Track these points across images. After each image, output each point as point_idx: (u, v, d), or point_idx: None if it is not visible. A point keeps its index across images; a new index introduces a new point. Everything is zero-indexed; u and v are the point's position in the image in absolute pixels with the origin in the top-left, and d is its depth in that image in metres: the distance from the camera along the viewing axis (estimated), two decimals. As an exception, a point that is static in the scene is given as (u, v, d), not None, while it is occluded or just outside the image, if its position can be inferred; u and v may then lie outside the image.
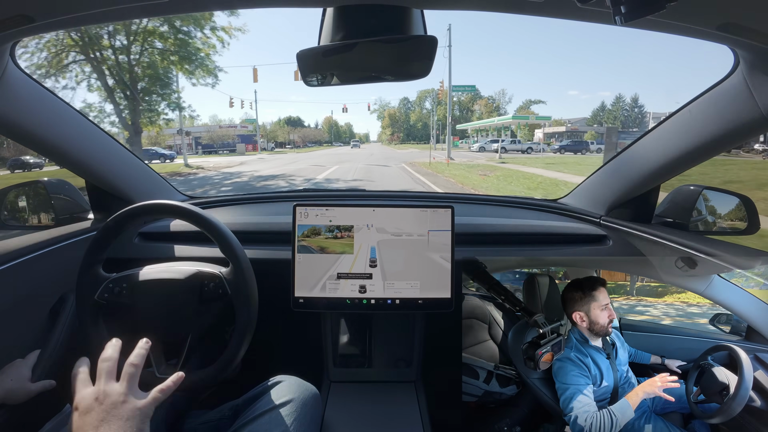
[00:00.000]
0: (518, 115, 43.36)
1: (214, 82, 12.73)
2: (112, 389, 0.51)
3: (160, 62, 11.89)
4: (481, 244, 1.08)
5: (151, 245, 1.10)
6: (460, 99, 73.12)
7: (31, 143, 0.91)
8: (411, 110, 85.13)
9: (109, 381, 0.52)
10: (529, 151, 27.85)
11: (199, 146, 40.80)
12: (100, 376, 0.53)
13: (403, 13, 0.63)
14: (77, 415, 0.49)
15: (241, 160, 23.35)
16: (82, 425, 0.48)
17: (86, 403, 0.50)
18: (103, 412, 0.49)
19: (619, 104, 60.42)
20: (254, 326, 0.78)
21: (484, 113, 65.76)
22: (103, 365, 0.54)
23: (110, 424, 0.48)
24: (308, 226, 0.92)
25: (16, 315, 0.87)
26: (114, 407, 0.49)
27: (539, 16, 0.66)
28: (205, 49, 12.07)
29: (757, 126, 0.73)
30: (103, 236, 0.79)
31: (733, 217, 1.02)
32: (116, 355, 0.56)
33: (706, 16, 0.56)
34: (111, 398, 0.50)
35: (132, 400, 0.51)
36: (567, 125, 41.77)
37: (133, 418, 0.49)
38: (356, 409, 1.03)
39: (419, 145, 61.43)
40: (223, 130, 47.29)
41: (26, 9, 0.58)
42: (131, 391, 0.52)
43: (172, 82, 12.67)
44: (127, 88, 11.62)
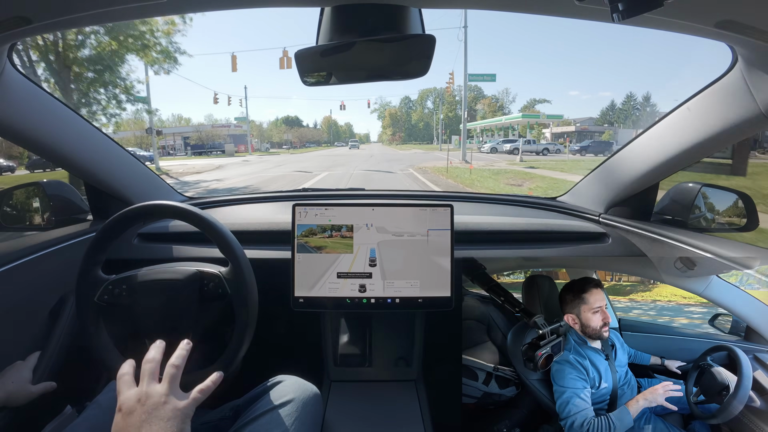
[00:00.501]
0: (529, 114, 40.92)
1: (171, 66, 10.64)
2: (154, 390, 0.52)
3: (105, 45, 9.32)
4: (480, 243, 1.07)
5: (151, 246, 1.10)
6: (462, 98, 71.90)
7: (29, 145, 0.91)
8: (412, 109, 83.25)
9: (152, 382, 0.54)
10: (545, 152, 25.28)
11: (189, 147, 38.69)
12: (143, 377, 0.54)
13: (401, 12, 0.63)
14: (120, 417, 0.51)
15: (221, 164, 20.98)
16: (125, 426, 0.49)
17: (129, 404, 0.51)
18: (144, 414, 0.50)
19: (630, 103, 57.02)
20: (254, 326, 0.78)
21: (487, 113, 63.69)
22: (146, 366, 0.55)
23: (151, 425, 0.49)
24: (308, 226, 0.92)
25: (16, 317, 0.87)
26: (155, 408, 0.50)
27: (537, 14, 0.66)
28: (167, 28, 9.84)
29: (755, 122, 0.73)
30: (102, 237, 0.79)
31: (732, 214, 1.02)
32: (159, 357, 0.57)
33: (704, 14, 0.56)
34: (153, 399, 0.51)
35: (173, 401, 0.52)
36: (576, 125, 40.00)
37: (175, 418, 0.50)
38: (357, 409, 1.03)
39: (422, 145, 60.06)
40: (214, 129, 45.78)
41: (23, 10, 0.58)
42: (172, 392, 0.53)
43: (117, 69, 9.99)
44: (55, 74, 9.01)
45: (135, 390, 0.53)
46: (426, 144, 64.14)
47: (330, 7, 0.63)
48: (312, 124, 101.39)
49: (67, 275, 0.93)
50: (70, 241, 1.01)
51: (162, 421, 0.49)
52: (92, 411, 0.78)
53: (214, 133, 44.16)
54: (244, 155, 33.49)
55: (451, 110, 61.72)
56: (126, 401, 0.51)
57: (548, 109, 59.79)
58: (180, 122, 50.35)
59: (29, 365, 0.83)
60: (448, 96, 52.07)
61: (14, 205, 1.14)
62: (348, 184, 10.70)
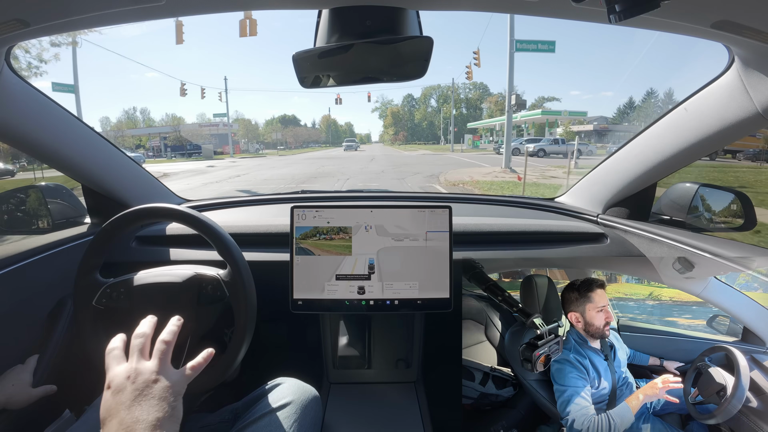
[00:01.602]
0: (549, 111, 37.37)
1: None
2: (144, 367, 0.50)
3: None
4: (478, 244, 1.08)
5: (149, 249, 1.10)
6: (467, 96, 70.16)
7: (27, 147, 0.91)
8: (415, 108, 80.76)
9: (141, 359, 0.51)
10: (577, 153, 17.06)
11: (168, 149, 35.37)
12: (132, 353, 0.52)
13: (399, 14, 0.63)
14: (109, 394, 0.48)
15: (180, 170, 16.97)
16: (115, 404, 0.47)
17: (118, 381, 0.49)
18: (135, 391, 0.48)
19: (650, 100, 49.71)
20: (253, 329, 0.78)
21: (495, 111, 60.48)
22: (136, 342, 0.53)
23: (142, 404, 0.47)
24: (306, 228, 0.92)
25: (15, 320, 0.86)
26: (146, 386, 0.48)
27: (534, 15, 0.66)
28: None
29: (752, 122, 0.73)
30: (100, 240, 0.79)
31: (729, 214, 1.02)
32: (150, 332, 0.55)
33: (701, 14, 0.56)
34: (143, 377, 0.49)
35: (163, 379, 0.50)
36: (593, 123, 35.69)
37: (166, 397, 0.48)
38: (356, 411, 1.03)
39: (428, 145, 57.14)
40: (201, 129, 41.83)
41: (21, 13, 0.58)
42: (163, 370, 0.51)
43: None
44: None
45: (125, 366, 0.51)
46: (432, 144, 61.95)
47: (328, 9, 0.64)
48: (311, 124, 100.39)
49: (65, 278, 0.92)
50: (68, 245, 1.01)
51: (153, 400, 0.47)
52: (91, 415, 0.77)
53: (195, 132, 40.56)
54: (223, 158, 29.98)
55: (456, 108, 59.78)
56: (115, 377, 0.49)
57: (556, 107, 57.60)
58: (173, 122, 48.09)
59: (28, 368, 0.82)
60: (451, 94, 50.10)
61: (12, 208, 1.14)
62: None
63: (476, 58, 15.22)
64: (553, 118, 31.82)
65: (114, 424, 0.45)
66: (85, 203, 1.16)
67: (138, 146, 35.83)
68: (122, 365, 0.51)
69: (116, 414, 0.46)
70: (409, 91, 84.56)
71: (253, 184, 11.27)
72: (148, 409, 0.46)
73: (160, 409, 0.47)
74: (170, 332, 0.55)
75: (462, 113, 67.02)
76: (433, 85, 72.93)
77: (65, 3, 0.58)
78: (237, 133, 48.92)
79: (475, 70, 18.73)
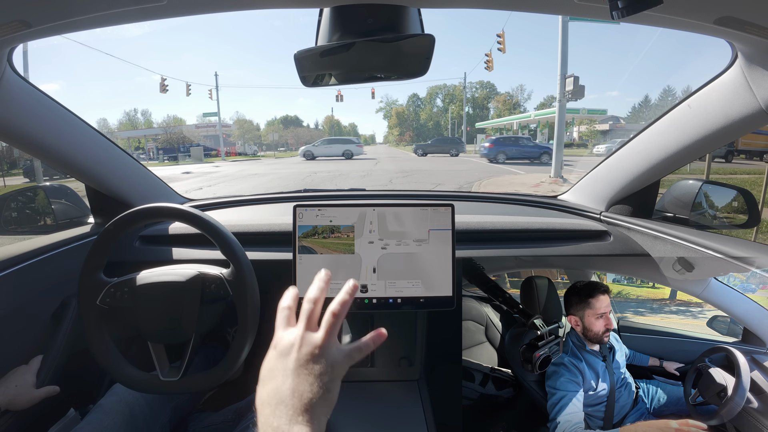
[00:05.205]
0: (568, 109, 33.81)
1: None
2: (311, 339, 0.46)
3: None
4: (481, 242, 1.07)
5: (152, 248, 1.10)
6: (474, 95, 68.91)
7: (30, 148, 0.91)
8: (421, 108, 78.50)
9: (309, 328, 0.48)
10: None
11: (160, 151, 32.92)
12: (301, 318, 0.48)
13: (400, 12, 0.63)
14: (275, 354, 0.46)
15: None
16: (276, 366, 0.45)
17: (284, 344, 0.46)
18: (297, 361, 0.44)
19: (667, 98, 48.43)
20: (256, 327, 0.78)
21: (502, 111, 59.25)
22: (306, 306, 0.49)
23: (299, 377, 0.43)
24: (308, 227, 0.92)
25: (19, 320, 0.87)
26: (308, 360, 0.44)
27: (537, 12, 0.66)
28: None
29: (755, 118, 0.73)
30: (104, 240, 0.79)
31: (733, 211, 1.02)
32: (323, 298, 0.50)
33: (704, 10, 0.56)
34: (307, 348, 0.45)
35: (327, 356, 0.46)
36: (609, 123, 33.80)
37: (324, 375, 0.44)
38: (359, 409, 1.03)
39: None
40: (191, 130, 38.99)
41: (23, 14, 0.58)
42: (328, 345, 0.47)
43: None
44: None
45: (293, 331, 0.47)
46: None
47: (329, 7, 0.64)
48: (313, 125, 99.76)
49: (69, 278, 0.93)
50: (71, 244, 1.01)
51: (311, 377, 0.43)
52: (95, 414, 0.78)
53: (193, 133, 38.24)
54: (213, 161, 26.73)
55: (461, 109, 58.29)
56: (281, 340, 0.47)
57: (570, 106, 55.34)
58: (175, 123, 47.47)
59: (32, 369, 0.83)
60: (463, 90, 48.34)
61: (16, 208, 1.15)
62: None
63: (500, 42, 12.34)
64: (570, 117, 27.83)
65: (270, 388, 0.43)
66: (89, 203, 1.17)
67: (137, 148, 35.34)
68: (290, 329, 0.48)
69: (275, 378, 0.44)
70: (414, 90, 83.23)
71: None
72: (302, 384, 0.43)
73: (312, 390, 0.43)
74: (342, 303, 0.49)
75: (468, 113, 66.22)
76: (438, 85, 72.12)
77: (67, 4, 0.58)
78: (233, 134, 47.83)
79: (480, 70, 16.61)
